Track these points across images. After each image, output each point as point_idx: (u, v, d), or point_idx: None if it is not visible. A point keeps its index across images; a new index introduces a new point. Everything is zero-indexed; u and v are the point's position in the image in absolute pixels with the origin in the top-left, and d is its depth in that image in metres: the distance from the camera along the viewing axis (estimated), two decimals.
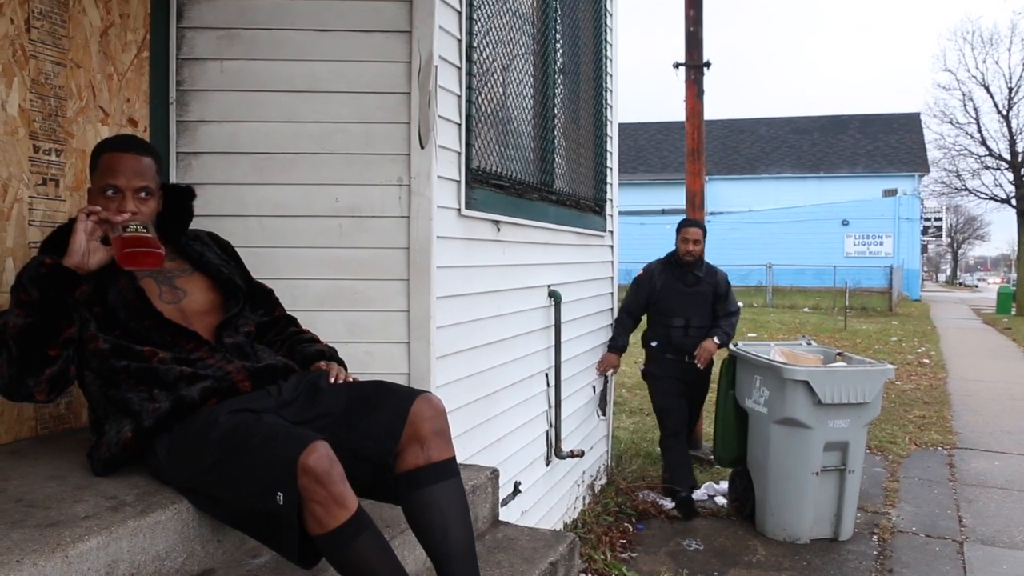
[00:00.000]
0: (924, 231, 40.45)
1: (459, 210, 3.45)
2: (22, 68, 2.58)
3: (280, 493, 1.96)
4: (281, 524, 1.99)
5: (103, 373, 2.30)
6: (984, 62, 44.95)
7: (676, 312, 5.76)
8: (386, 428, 2.24)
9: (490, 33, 3.79)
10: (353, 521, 1.99)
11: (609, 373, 6.03)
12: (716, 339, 5.73)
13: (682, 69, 7.73)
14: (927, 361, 14.01)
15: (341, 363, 2.65)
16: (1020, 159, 32.02)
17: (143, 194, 2.38)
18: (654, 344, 5.88)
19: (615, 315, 6.31)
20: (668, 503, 5.81)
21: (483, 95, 3.71)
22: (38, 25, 2.62)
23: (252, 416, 2.20)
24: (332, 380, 2.43)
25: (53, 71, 2.68)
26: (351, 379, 2.48)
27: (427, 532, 2.22)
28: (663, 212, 34.23)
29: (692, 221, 5.92)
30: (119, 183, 2.34)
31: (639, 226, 33.01)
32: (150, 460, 2.27)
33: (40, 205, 2.66)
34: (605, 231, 5.90)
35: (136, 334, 2.31)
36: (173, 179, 3.11)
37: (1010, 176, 32.36)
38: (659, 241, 30.99)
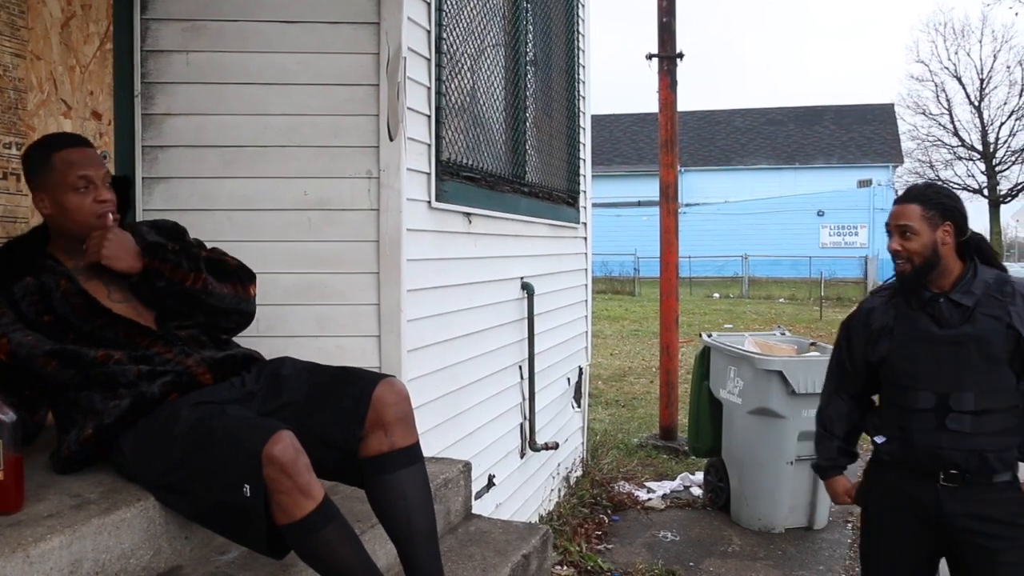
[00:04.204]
0: None
1: (429, 202, 3.43)
2: None
3: (247, 485, 1.97)
4: (249, 516, 1.99)
5: (64, 383, 2.28)
6: (956, 53, 45.38)
7: (919, 380, 2.80)
8: (350, 414, 2.25)
9: (460, 24, 3.77)
10: (319, 511, 2.00)
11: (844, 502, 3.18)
12: None
13: (655, 60, 7.73)
14: None
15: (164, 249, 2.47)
16: (992, 150, 32.37)
17: (109, 182, 2.39)
18: (879, 441, 2.96)
19: (589, 307, 6.26)
20: (644, 494, 5.82)
21: (453, 87, 3.68)
22: None
23: (215, 408, 2.18)
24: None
25: (12, 63, 2.63)
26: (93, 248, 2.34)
27: (391, 517, 2.26)
28: (639, 204, 34.27)
29: (906, 194, 2.92)
30: (90, 173, 2.33)
31: (615, 218, 33.07)
32: (116, 458, 2.26)
33: (1, 200, 2.62)
34: (579, 223, 5.88)
35: (89, 336, 2.28)
36: (139, 173, 3.07)
37: (982, 167, 32.75)
38: (635, 232, 31.17)
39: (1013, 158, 36.21)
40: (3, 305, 2.27)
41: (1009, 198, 35.37)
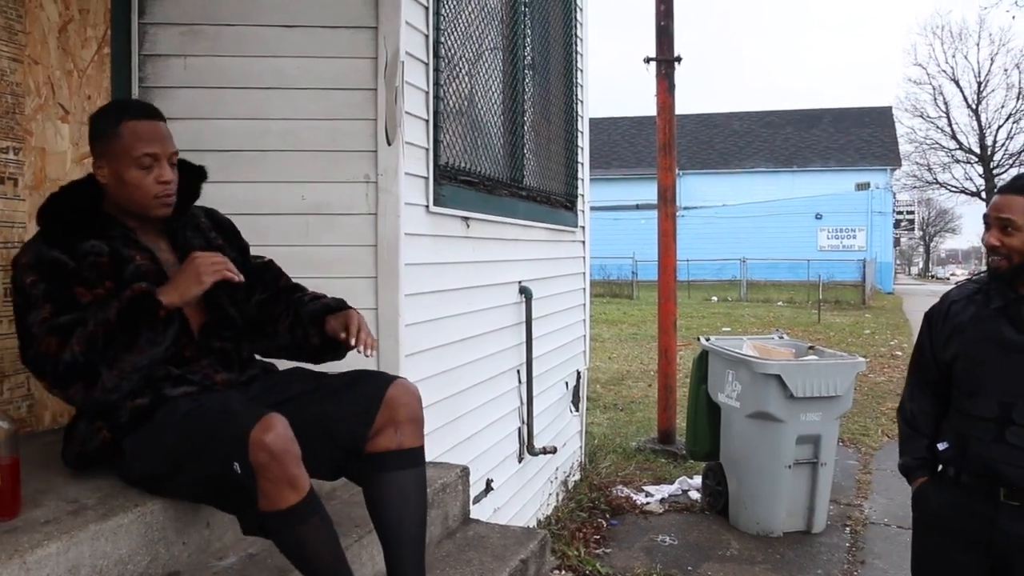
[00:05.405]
0: (896, 224, 40.79)
1: (427, 207, 3.43)
2: None
3: (236, 463, 1.96)
4: (243, 493, 1.99)
5: None
6: (954, 57, 45.48)
7: (983, 386, 2.59)
8: (361, 411, 2.26)
9: (457, 28, 3.76)
10: (304, 504, 2.00)
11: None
12: None
13: (653, 64, 7.73)
14: (899, 354, 14.12)
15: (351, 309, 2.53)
16: (989, 152, 32.41)
17: (175, 161, 2.33)
18: (941, 447, 2.73)
19: (587, 311, 6.25)
20: (642, 498, 5.82)
21: (451, 91, 3.68)
22: None
23: (211, 399, 2.19)
24: (353, 341, 2.37)
25: (9, 67, 2.63)
26: (372, 341, 2.41)
27: (384, 515, 2.26)
28: (637, 207, 34.26)
29: (1013, 183, 2.61)
30: (158, 151, 2.26)
31: (613, 221, 33.06)
32: (117, 459, 2.23)
33: None
34: (576, 226, 5.88)
35: None
36: None
37: (980, 169, 32.81)
38: (633, 236, 31.16)
39: (1011, 161, 36.34)
40: (68, 259, 2.17)
41: None
